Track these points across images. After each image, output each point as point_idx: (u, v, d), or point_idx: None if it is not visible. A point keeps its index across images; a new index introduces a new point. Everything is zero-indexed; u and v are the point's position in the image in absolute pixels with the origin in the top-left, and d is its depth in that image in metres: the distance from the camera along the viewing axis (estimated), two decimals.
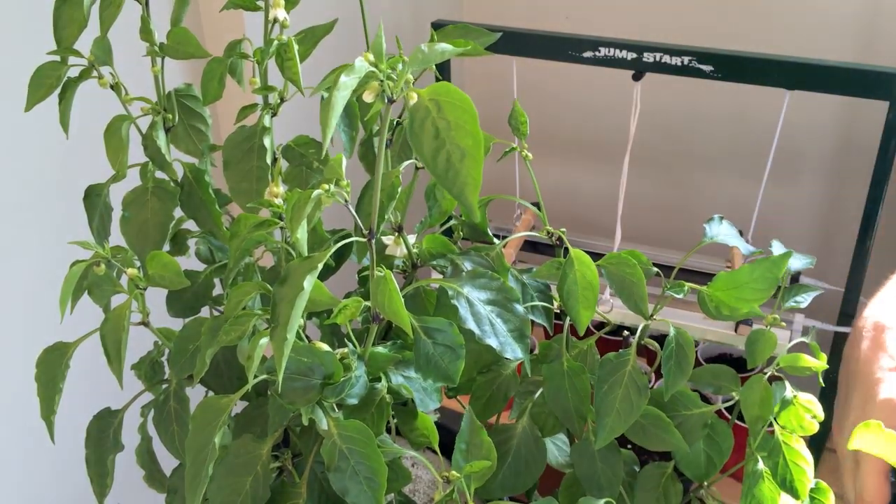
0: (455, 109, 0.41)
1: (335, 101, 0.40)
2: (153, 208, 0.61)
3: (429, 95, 0.42)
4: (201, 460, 0.51)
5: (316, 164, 0.61)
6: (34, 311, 0.88)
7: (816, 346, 0.67)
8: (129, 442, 0.65)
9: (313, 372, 0.52)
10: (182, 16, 0.61)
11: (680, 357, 0.61)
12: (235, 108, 0.61)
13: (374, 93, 0.43)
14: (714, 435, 0.65)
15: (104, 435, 0.63)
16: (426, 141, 0.42)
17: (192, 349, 0.59)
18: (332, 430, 0.52)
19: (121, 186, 0.63)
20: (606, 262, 0.62)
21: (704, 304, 0.61)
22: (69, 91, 0.60)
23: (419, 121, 0.42)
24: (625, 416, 0.61)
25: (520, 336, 0.56)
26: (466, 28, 0.60)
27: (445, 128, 0.42)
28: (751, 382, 0.64)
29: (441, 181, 0.42)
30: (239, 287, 0.53)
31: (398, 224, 0.62)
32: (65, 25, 0.58)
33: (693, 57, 1.24)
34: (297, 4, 0.58)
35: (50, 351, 0.59)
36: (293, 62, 0.56)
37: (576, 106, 1.72)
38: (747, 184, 1.48)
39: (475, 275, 0.57)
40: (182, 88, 0.63)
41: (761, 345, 0.64)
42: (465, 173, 0.42)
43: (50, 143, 0.78)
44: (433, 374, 0.54)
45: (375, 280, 0.50)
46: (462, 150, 0.42)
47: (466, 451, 0.56)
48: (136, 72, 0.63)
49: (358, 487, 0.51)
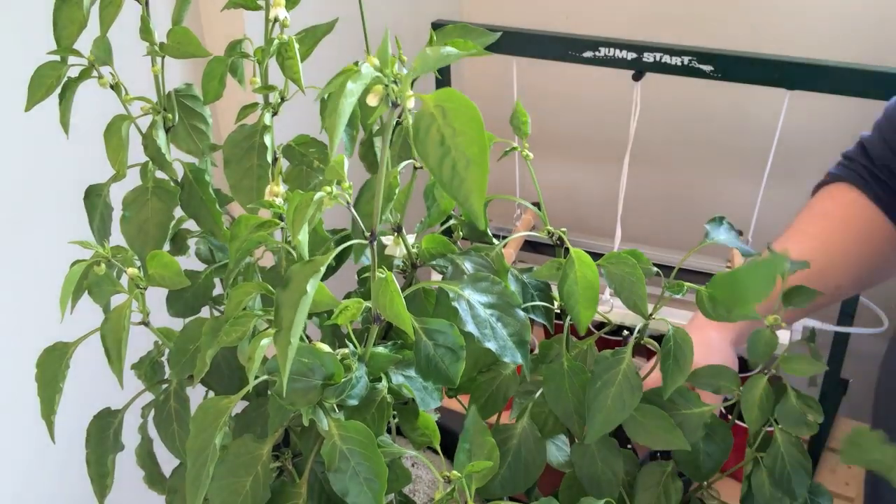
0: (461, 116, 0.41)
1: (342, 108, 0.40)
2: (153, 208, 0.61)
3: (434, 102, 0.41)
4: (202, 462, 0.51)
5: (317, 163, 0.61)
6: (34, 311, 0.88)
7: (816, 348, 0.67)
8: (130, 442, 0.65)
9: (314, 372, 0.52)
10: (183, 15, 0.61)
11: (678, 356, 0.61)
12: (236, 108, 0.61)
13: (379, 96, 0.42)
14: (714, 435, 0.65)
15: (104, 435, 0.63)
16: (431, 148, 0.42)
17: (192, 349, 0.59)
18: (333, 431, 0.52)
19: (121, 186, 0.63)
20: (606, 262, 0.62)
21: (703, 305, 0.61)
22: (69, 91, 0.60)
23: (424, 128, 0.41)
24: (616, 413, 0.61)
25: (519, 341, 0.56)
26: (466, 28, 0.60)
27: (451, 135, 0.41)
28: (751, 382, 0.64)
29: (446, 188, 0.42)
30: (239, 287, 0.53)
31: (397, 224, 0.62)
32: (65, 25, 0.58)
33: (693, 57, 1.24)
34: (297, 4, 0.58)
35: (50, 351, 0.59)
36: (294, 61, 0.56)
37: (576, 106, 1.72)
38: (747, 184, 1.48)
39: (477, 278, 0.57)
40: (182, 88, 0.63)
41: (761, 345, 0.64)
42: (470, 181, 0.42)
43: (50, 143, 0.78)
44: (433, 376, 0.54)
45: (377, 282, 0.50)
46: (468, 157, 0.41)
47: (470, 451, 0.56)
48: (136, 72, 0.63)
49: (358, 488, 0.51)
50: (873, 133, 0.88)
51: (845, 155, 0.91)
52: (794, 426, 0.63)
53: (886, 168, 0.85)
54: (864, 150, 0.88)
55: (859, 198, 0.86)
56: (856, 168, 0.87)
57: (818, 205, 0.90)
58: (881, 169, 0.85)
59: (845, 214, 0.87)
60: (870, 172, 0.86)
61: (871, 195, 0.85)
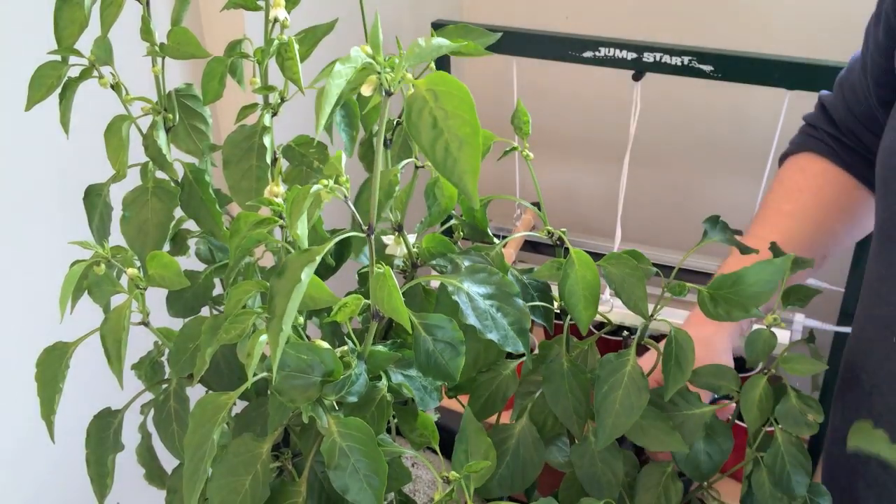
0: (452, 98, 0.42)
1: (330, 88, 0.41)
2: (153, 208, 0.61)
3: (426, 85, 0.42)
4: (200, 457, 0.51)
5: (316, 163, 0.61)
6: (34, 311, 0.88)
7: (816, 348, 0.67)
8: (130, 441, 0.65)
9: (313, 369, 0.52)
10: (182, 15, 0.61)
11: (680, 357, 0.61)
12: (235, 108, 0.61)
13: (372, 85, 0.43)
14: (714, 435, 0.65)
15: (104, 435, 0.63)
16: (424, 130, 0.42)
17: (192, 348, 0.59)
18: (333, 428, 0.52)
19: (121, 186, 0.63)
20: (606, 262, 0.62)
21: (704, 305, 0.61)
22: (69, 91, 0.60)
23: (417, 110, 0.42)
24: (625, 416, 0.61)
25: (520, 330, 0.56)
26: (466, 28, 0.60)
27: (443, 117, 0.42)
28: (750, 382, 0.64)
29: (440, 170, 0.43)
30: (239, 286, 0.53)
31: (398, 223, 0.62)
32: (65, 25, 0.58)
33: (693, 57, 1.24)
34: (297, 4, 0.58)
35: (50, 351, 0.59)
36: (293, 62, 0.56)
37: (576, 106, 1.72)
38: (747, 184, 1.48)
39: (474, 270, 0.57)
40: (182, 88, 0.63)
41: (760, 345, 0.64)
42: (463, 161, 0.42)
43: (50, 143, 0.78)
44: (433, 372, 0.54)
45: (375, 276, 0.50)
46: (460, 138, 0.42)
47: (467, 452, 0.56)
48: (136, 72, 0.63)
49: (358, 485, 0.51)
50: (835, 91, 0.86)
51: (807, 121, 0.89)
52: (794, 426, 0.63)
53: (850, 132, 0.83)
54: (826, 112, 0.86)
55: (829, 167, 0.85)
56: (820, 136, 0.86)
57: (789, 179, 0.89)
58: (845, 133, 0.84)
59: (817, 186, 0.86)
60: (835, 139, 0.85)
61: (839, 162, 0.84)
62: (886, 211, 0.69)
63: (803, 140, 0.89)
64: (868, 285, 0.73)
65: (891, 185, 0.68)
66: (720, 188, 1.69)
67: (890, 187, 0.68)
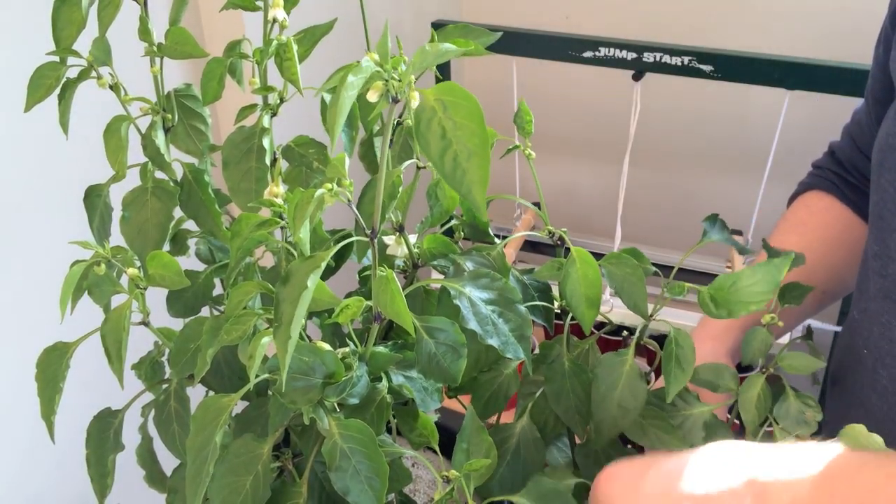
0: (461, 109, 0.42)
1: (342, 101, 0.40)
2: (153, 208, 0.61)
3: (434, 96, 0.42)
4: (202, 459, 0.51)
5: (316, 164, 0.61)
6: (34, 311, 0.88)
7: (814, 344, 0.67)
8: (130, 442, 0.65)
9: (314, 371, 0.52)
10: (180, 16, 0.61)
11: (681, 357, 0.61)
12: (235, 108, 0.61)
13: (379, 92, 0.43)
14: (714, 434, 0.65)
15: (104, 435, 0.63)
16: (433, 141, 0.42)
17: (192, 349, 0.59)
18: (334, 430, 0.52)
19: (121, 186, 0.63)
20: (607, 262, 0.62)
21: (705, 306, 0.61)
22: (68, 91, 0.60)
23: (425, 121, 0.42)
24: (623, 415, 0.61)
25: (521, 336, 0.56)
26: (467, 28, 0.60)
27: (452, 128, 0.42)
28: (749, 382, 0.64)
29: (449, 181, 0.42)
30: (240, 287, 0.53)
31: (399, 224, 0.62)
32: (63, 26, 0.58)
33: (693, 57, 1.24)
34: (296, 4, 0.58)
35: (50, 351, 0.59)
36: (292, 62, 0.56)
37: (576, 106, 1.72)
38: (747, 184, 1.48)
39: (477, 275, 0.57)
40: (181, 88, 0.63)
41: (756, 343, 0.65)
42: (472, 172, 0.42)
43: (49, 144, 0.78)
44: (436, 374, 0.54)
45: (378, 280, 0.50)
46: (469, 149, 0.42)
47: (468, 451, 0.56)
48: (135, 72, 0.63)
49: (359, 487, 0.51)
50: (842, 138, 0.90)
51: (815, 165, 0.93)
52: (793, 425, 0.63)
53: (855, 169, 0.86)
54: (834, 156, 0.90)
55: (833, 203, 0.88)
56: (826, 175, 0.90)
57: (794, 215, 0.92)
58: (851, 172, 0.87)
59: (821, 221, 0.89)
60: (840, 178, 0.88)
61: (844, 199, 0.87)
62: (878, 193, 0.71)
63: (809, 180, 0.92)
64: (864, 266, 0.75)
65: (884, 167, 0.70)
66: (720, 188, 1.69)
67: (883, 171, 0.70)
